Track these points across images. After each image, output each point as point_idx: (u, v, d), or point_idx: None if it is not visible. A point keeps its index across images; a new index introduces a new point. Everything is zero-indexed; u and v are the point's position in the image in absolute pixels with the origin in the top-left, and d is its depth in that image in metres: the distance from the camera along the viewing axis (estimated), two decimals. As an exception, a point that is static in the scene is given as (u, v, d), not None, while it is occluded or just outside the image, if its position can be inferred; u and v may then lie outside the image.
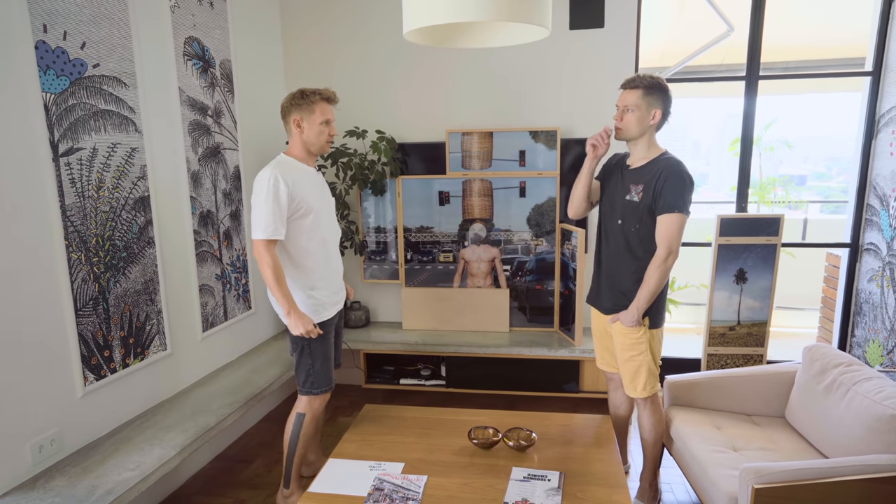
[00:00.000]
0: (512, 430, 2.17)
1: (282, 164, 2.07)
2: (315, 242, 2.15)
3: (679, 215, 1.98)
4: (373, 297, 3.55)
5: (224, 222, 2.80)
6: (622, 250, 2.11)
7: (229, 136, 2.83)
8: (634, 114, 2.01)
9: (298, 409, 2.24)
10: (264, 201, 1.99)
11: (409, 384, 3.25)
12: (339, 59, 3.32)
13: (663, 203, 1.98)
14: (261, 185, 2.01)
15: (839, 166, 8.05)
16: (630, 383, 2.18)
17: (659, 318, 2.15)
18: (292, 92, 2.12)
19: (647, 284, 2.03)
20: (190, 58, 2.53)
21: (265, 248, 2.00)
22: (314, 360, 2.19)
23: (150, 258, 2.31)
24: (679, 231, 2.00)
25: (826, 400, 2.07)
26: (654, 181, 2.00)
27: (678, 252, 2.03)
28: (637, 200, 2.05)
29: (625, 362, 2.17)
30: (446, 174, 3.23)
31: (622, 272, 2.13)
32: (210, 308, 2.71)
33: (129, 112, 2.18)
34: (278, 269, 2.03)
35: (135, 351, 2.24)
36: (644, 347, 2.12)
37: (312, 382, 2.21)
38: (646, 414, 2.23)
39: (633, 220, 2.07)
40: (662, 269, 2.01)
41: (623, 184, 2.12)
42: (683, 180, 1.98)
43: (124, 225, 2.17)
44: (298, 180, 2.07)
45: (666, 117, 2.06)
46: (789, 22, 3.33)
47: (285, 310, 2.05)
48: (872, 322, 3.00)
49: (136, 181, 2.23)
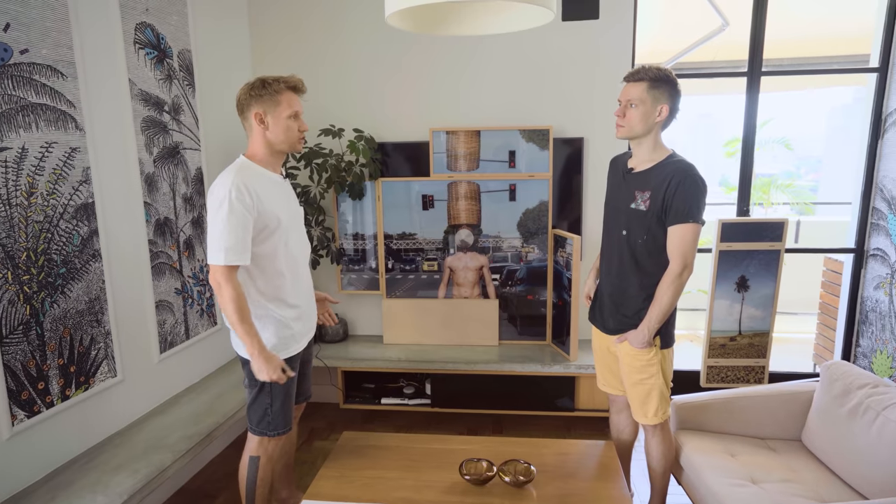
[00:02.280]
0: (508, 462, 1.95)
1: (244, 171, 1.72)
2: (284, 263, 1.82)
3: (693, 225, 1.78)
4: (350, 308, 3.29)
5: (184, 230, 2.52)
6: (628, 264, 1.90)
7: (190, 134, 2.55)
8: (638, 109, 1.80)
9: (250, 451, 1.90)
10: (225, 218, 1.63)
11: (391, 404, 3.00)
12: (312, 49, 3.05)
13: (676, 212, 1.77)
14: (219, 198, 1.65)
15: (807, 165, 8.01)
16: (640, 409, 1.97)
17: (670, 337, 1.95)
18: (250, 81, 1.76)
19: (660, 302, 1.83)
20: (142, 46, 2.25)
21: (226, 277, 1.65)
22: (273, 399, 1.84)
23: (96, 273, 2.02)
24: (694, 242, 1.80)
25: (851, 425, 1.89)
26: (663, 187, 1.78)
27: (693, 266, 1.82)
28: (644, 209, 1.83)
29: (634, 385, 1.96)
30: (430, 176, 2.99)
31: (629, 288, 1.92)
32: (169, 326, 2.42)
33: (67, 107, 1.89)
34: (241, 301, 1.68)
35: (77, 380, 1.95)
36: (655, 370, 1.91)
37: (269, 423, 1.86)
38: (655, 442, 2.03)
39: (639, 230, 1.85)
40: (676, 286, 1.81)
41: (627, 189, 1.90)
42: (697, 186, 1.78)
43: (63, 236, 1.88)
44: (265, 191, 1.73)
45: (674, 114, 1.84)
46: (784, 18, 3.18)
47: (251, 351, 1.71)
48: (880, 332, 2.86)
49: (78, 186, 1.94)
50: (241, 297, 1.68)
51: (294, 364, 1.91)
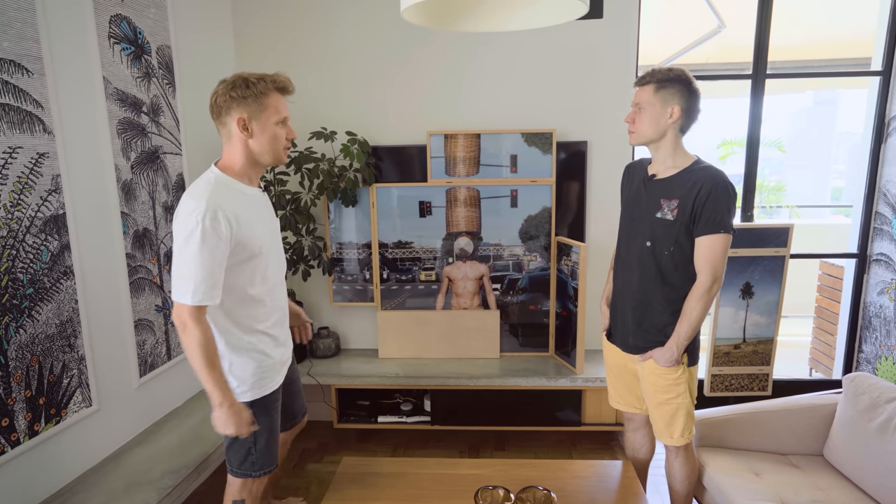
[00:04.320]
0: (526, 489, 1.81)
1: (219, 190, 1.46)
2: (263, 290, 1.59)
3: (725, 235, 1.68)
4: (342, 321, 3.12)
5: (165, 242, 2.32)
6: (654, 277, 1.78)
7: (170, 137, 2.35)
8: (647, 112, 1.73)
9: (233, 495, 1.68)
10: (197, 251, 1.38)
11: (388, 422, 2.84)
12: (301, 46, 2.87)
13: (706, 222, 1.67)
14: (188, 227, 1.39)
15: (771, 167, 8.13)
16: (665, 429, 1.86)
17: (697, 353, 1.85)
18: (229, 79, 1.50)
19: (689, 318, 1.73)
20: (117, 40, 2.04)
21: (193, 317, 1.41)
22: (257, 437, 1.62)
23: (68, 293, 1.81)
24: (724, 254, 1.69)
25: (882, 441, 1.81)
26: (693, 196, 1.68)
27: (722, 279, 1.72)
28: (672, 219, 1.72)
29: (658, 406, 1.85)
30: (427, 181, 2.84)
31: (653, 303, 1.80)
32: (149, 347, 2.22)
33: (33, 107, 1.68)
34: (210, 345, 1.44)
35: (47, 413, 1.74)
36: (682, 389, 1.80)
37: (252, 464, 1.64)
38: (678, 463, 1.92)
39: (666, 241, 1.74)
40: (706, 300, 1.71)
41: (650, 197, 1.79)
42: (728, 194, 1.68)
43: (30, 252, 1.68)
44: (244, 213, 1.49)
45: (692, 115, 1.74)
46: (783, 22, 3.14)
47: (218, 402, 1.46)
48: (885, 338, 2.82)
49: (47, 195, 1.73)
50: (209, 341, 1.45)
51: (277, 396, 1.69)
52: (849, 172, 6.99)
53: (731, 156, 6.90)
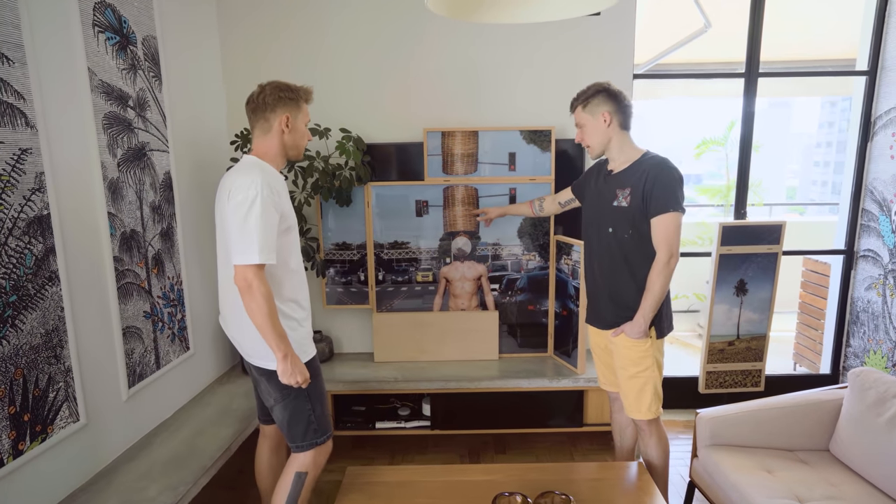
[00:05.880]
0: (544, 495, 1.77)
1: (265, 170, 1.69)
2: (298, 262, 1.81)
3: (675, 214, 1.85)
4: (336, 324, 3.02)
5: (153, 244, 2.19)
6: (618, 260, 1.97)
7: (157, 133, 2.22)
8: (587, 128, 1.98)
9: (297, 467, 1.78)
10: (259, 216, 1.58)
11: (387, 428, 2.75)
12: (291, 38, 2.76)
13: (656, 204, 1.85)
14: (249, 196, 1.59)
15: (731, 165, 8.32)
16: (634, 403, 2.00)
17: (665, 326, 1.99)
18: (275, 83, 1.73)
19: (652, 291, 1.89)
20: (102, 29, 1.91)
21: (258, 276, 1.58)
22: (314, 402, 1.78)
23: (54, 300, 1.68)
24: (677, 231, 1.86)
25: (891, 436, 1.83)
26: (641, 183, 1.88)
27: (678, 253, 1.88)
28: (626, 205, 1.92)
29: (628, 379, 2.00)
30: (424, 180, 2.77)
31: (622, 283, 1.97)
32: (138, 356, 2.09)
33: (15, 98, 1.55)
34: (272, 301, 1.61)
35: (33, 430, 1.61)
36: (650, 362, 1.96)
37: (315, 431, 1.79)
38: (653, 441, 2.05)
39: (625, 226, 1.93)
40: (665, 274, 1.88)
41: (608, 190, 1.99)
42: (673, 176, 1.86)
43: (13, 257, 1.54)
44: (282, 190, 1.74)
45: (623, 113, 1.94)
46: (771, 23, 3.19)
47: (283, 353, 1.63)
48: (873, 332, 2.89)
49: (30, 195, 1.60)
50: (271, 297, 1.62)
51: (318, 360, 1.85)
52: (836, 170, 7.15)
53: (706, 153, 7.04)
